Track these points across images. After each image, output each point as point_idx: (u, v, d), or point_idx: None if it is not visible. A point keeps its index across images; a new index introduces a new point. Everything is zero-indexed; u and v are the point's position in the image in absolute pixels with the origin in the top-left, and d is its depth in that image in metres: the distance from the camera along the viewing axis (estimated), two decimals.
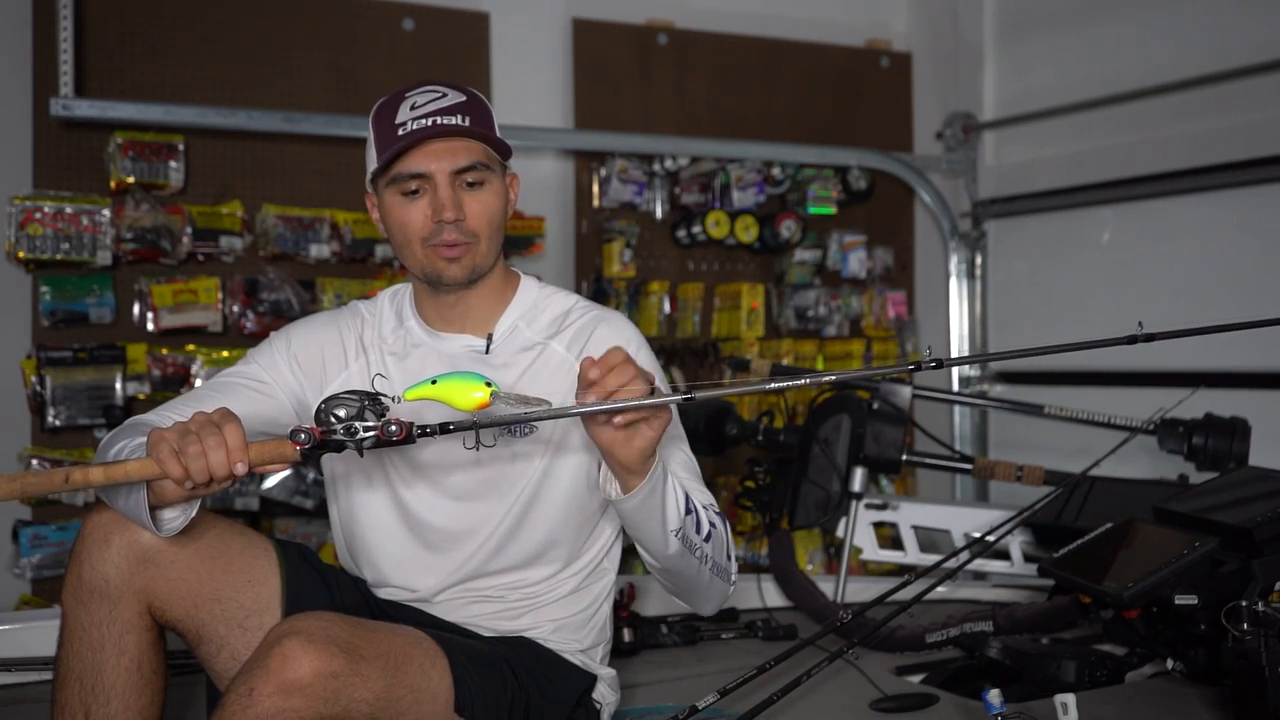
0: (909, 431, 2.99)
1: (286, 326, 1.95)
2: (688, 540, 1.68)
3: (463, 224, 1.78)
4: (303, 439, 1.44)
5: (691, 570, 1.73)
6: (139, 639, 1.67)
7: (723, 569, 1.78)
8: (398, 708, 1.58)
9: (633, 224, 3.84)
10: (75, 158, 3.18)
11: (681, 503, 1.67)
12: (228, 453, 1.44)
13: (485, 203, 1.80)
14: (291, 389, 1.86)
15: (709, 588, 1.79)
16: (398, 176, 1.78)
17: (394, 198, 1.80)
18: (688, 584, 1.77)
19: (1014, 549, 2.93)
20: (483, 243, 1.80)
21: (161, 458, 1.44)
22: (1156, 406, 2.83)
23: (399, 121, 1.77)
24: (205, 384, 1.90)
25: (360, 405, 1.45)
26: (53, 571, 3.07)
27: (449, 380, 1.49)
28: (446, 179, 1.77)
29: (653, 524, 1.65)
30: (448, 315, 1.87)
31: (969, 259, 4.18)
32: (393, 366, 1.88)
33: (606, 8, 3.88)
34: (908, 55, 4.39)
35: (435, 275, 1.81)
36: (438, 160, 1.77)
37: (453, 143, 1.77)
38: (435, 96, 1.79)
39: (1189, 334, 1.68)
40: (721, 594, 1.82)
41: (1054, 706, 1.94)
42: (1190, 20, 3.53)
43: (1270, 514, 2.08)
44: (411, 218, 1.79)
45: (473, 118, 1.78)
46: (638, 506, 1.62)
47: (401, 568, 1.88)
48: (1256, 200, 3.38)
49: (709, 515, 1.74)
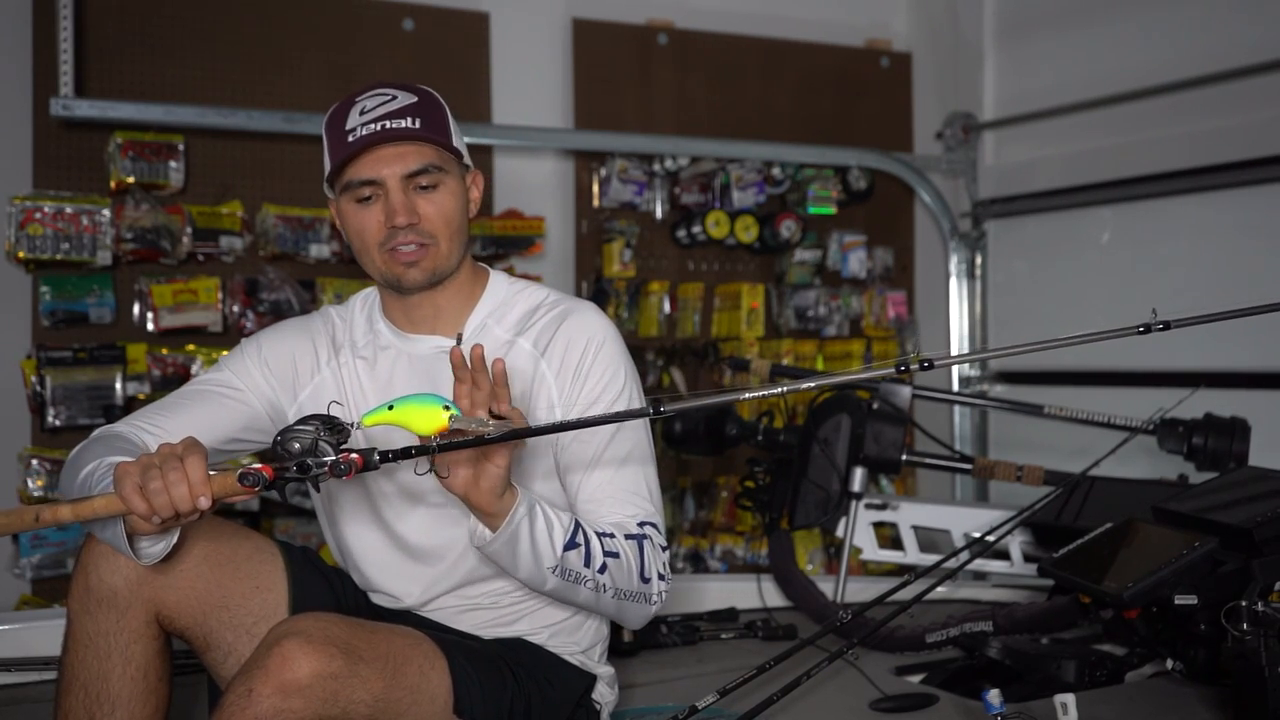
0: (909, 431, 2.99)
1: (258, 333, 1.94)
2: (570, 573, 1.66)
3: (418, 226, 1.76)
4: (250, 481, 1.43)
5: (580, 600, 1.72)
6: (146, 647, 1.67)
7: (633, 593, 1.74)
8: (397, 709, 1.58)
9: (633, 224, 3.84)
10: (75, 158, 3.18)
11: (559, 538, 1.64)
12: (190, 487, 1.43)
13: (440, 204, 1.77)
14: (265, 394, 1.86)
15: (617, 613, 1.77)
16: (350, 183, 1.76)
17: (349, 205, 1.78)
18: (586, 609, 1.77)
19: (1014, 549, 2.93)
20: (442, 244, 1.78)
21: (125, 494, 1.44)
22: (1156, 406, 2.83)
23: (349, 127, 1.74)
24: (177, 392, 1.89)
25: (315, 436, 1.44)
26: (53, 571, 3.07)
27: (406, 404, 1.48)
28: (398, 183, 1.75)
29: (523, 562, 1.63)
30: (415, 317, 1.86)
31: (969, 259, 4.18)
32: (363, 371, 1.87)
33: (606, 8, 3.88)
34: (908, 55, 4.38)
35: (395, 280, 1.79)
36: (388, 165, 1.74)
37: (402, 147, 1.75)
38: (384, 100, 1.76)
39: (1205, 320, 1.64)
40: (638, 615, 1.79)
41: (1054, 706, 1.93)
42: (1190, 20, 3.53)
43: (1270, 514, 2.08)
44: (366, 224, 1.77)
45: (424, 119, 1.75)
46: (498, 550, 1.61)
47: (388, 577, 1.88)
48: (1256, 200, 3.38)
49: (613, 544, 1.70)
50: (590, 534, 1.69)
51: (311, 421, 1.46)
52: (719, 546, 3.92)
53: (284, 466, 1.44)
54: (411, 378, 1.82)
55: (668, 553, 1.81)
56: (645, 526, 1.78)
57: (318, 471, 1.43)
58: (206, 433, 1.76)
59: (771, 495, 2.94)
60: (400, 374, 1.84)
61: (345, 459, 1.43)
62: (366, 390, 1.85)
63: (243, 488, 1.44)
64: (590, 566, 1.67)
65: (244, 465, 1.47)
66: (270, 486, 1.45)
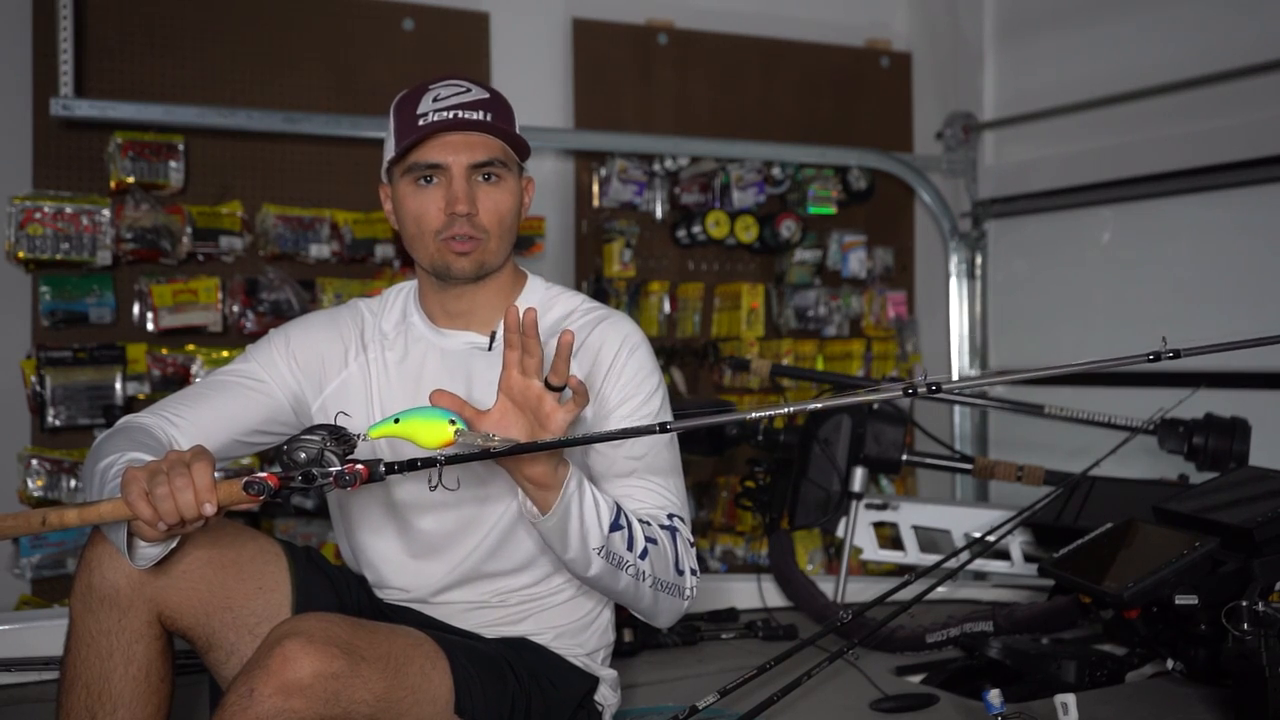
0: (909, 431, 2.99)
1: (285, 325, 1.94)
2: (614, 556, 1.65)
3: (475, 219, 1.78)
4: (255, 490, 1.44)
5: (621, 586, 1.70)
6: (148, 647, 1.67)
7: (669, 584, 1.74)
8: (398, 709, 1.58)
9: (633, 224, 3.84)
10: (75, 158, 3.18)
11: (605, 517, 1.64)
12: (195, 493, 1.43)
13: (498, 199, 1.80)
14: (290, 388, 1.86)
15: (653, 605, 1.75)
16: (414, 166, 1.78)
17: (408, 187, 1.80)
18: (625, 600, 1.74)
19: (1014, 549, 2.93)
20: (493, 240, 1.80)
21: (131, 499, 1.44)
22: (1156, 406, 2.83)
23: (420, 112, 1.77)
24: (203, 381, 1.90)
25: (321, 447, 1.45)
26: (52, 571, 3.07)
27: (412, 418, 1.48)
28: (463, 171, 1.77)
29: (573, 541, 1.62)
30: (452, 311, 1.87)
31: (969, 259, 4.18)
32: (393, 364, 1.87)
33: (606, 8, 3.88)
34: (908, 55, 4.38)
35: (444, 268, 1.80)
36: (455, 152, 1.77)
37: (471, 136, 1.78)
38: (459, 90, 1.79)
39: (1215, 350, 1.58)
40: (671, 609, 1.78)
41: (1054, 706, 1.93)
42: (1190, 20, 3.53)
43: (1270, 514, 2.08)
44: (425, 208, 1.78)
45: (495, 114, 1.79)
46: (554, 526, 1.61)
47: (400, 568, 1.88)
48: (1256, 200, 3.38)
49: (651, 530, 1.70)
50: (631, 518, 1.69)
51: (318, 431, 1.46)
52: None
53: (289, 476, 1.44)
54: (442, 372, 1.83)
55: (694, 550, 1.81)
56: (674, 519, 1.78)
57: (323, 482, 1.44)
58: (229, 424, 1.77)
59: (771, 495, 2.94)
60: (431, 368, 1.85)
61: (351, 470, 1.44)
62: (394, 384, 1.85)
63: (248, 496, 1.44)
64: (633, 551, 1.67)
65: (250, 473, 1.47)
66: (275, 496, 1.45)
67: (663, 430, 1.50)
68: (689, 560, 1.78)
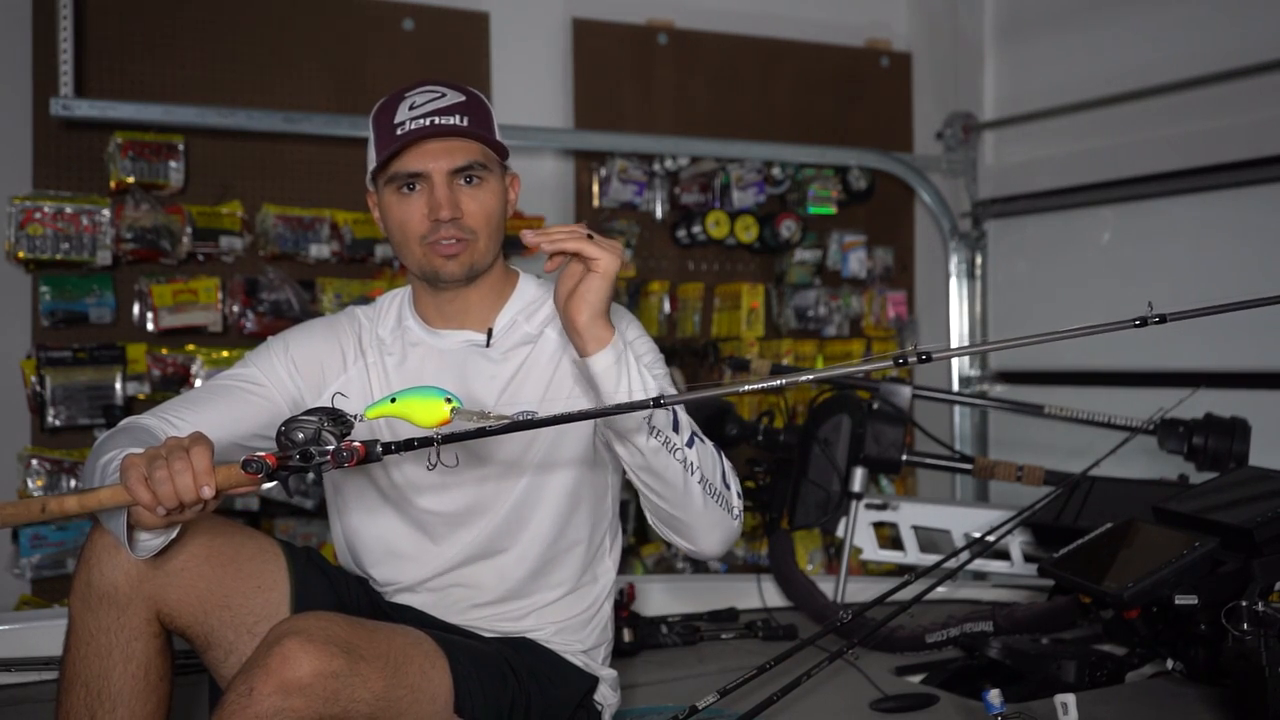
0: (909, 431, 2.99)
1: (284, 331, 1.95)
2: (660, 434, 1.62)
3: (460, 222, 1.79)
4: (253, 468, 1.43)
5: (670, 475, 1.65)
6: (147, 645, 1.67)
7: (718, 491, 1.70)
8: (397, 708, 1.58)
9: (633, 224, 3.84)
10: (75, 158, 3.18)
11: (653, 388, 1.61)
12: (194, 476, 1.43)
13: (482, 201, 1.81)
14: (289, 393, 1.86)
15: (703, 512, 1.69)
16: (395, 176, 1.80)
17: (392, 196, 1.82)
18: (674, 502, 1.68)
19: (1014, 549, 2.93)
20: (481, 240, 1.81)
21: (130, 484, 1.44)
22: (1156, 406, 2.83)
23: (397, 121, 1.78)
24: (203, 386, 1.90)
25: (318, 427, 1.45)
26: (52, 571, 3.07)
27: (409, 397, 1.48)
28: (443, 178, 1.78)
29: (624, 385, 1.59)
30: (447, 312, 1.88)
31: (969, 259, 4.18)
32: (392, 368, 1.88)
33: (606, 8, 3.88)
34: (908, 55, 4.38)
35: (433, 273, 1.81)
36: (435, 159, 1.78)
37: (450, 142, 1.79)
38: (434, 96, 1.80)
39: (1203, 313, 1.62)
40: (724, 526, 1.73)
41: (1054, 706, 1.94)
42: (1190, 20, 3.53)
43: (1270, 514, 2.08)
44: (409, 216, 1.80)
45: (471, 118, 1.79)
46: (608, 369, 1.59)
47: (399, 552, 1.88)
48: (1256, 200, 3.38)
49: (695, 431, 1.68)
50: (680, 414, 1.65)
51: (315, 413, 1.47)
52: None
53: (287, 455, 1.44)
54: (441, 372, 1.84)
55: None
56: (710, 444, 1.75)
57: (320, 460, 1.44)
58: (230, 428, 1.77)
59: (771, 495, 2.94)
60: (429, 369, 1.86)
61: (348, 447, 1.44)
62: (394, 387, 1.86)
63: (246, 475, 1.44)
64: (679, 435, 1.64)
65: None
66: (273, 475, 1.45)
67: (657, 405, 1.49)
68: (735, 480, 1.75)
